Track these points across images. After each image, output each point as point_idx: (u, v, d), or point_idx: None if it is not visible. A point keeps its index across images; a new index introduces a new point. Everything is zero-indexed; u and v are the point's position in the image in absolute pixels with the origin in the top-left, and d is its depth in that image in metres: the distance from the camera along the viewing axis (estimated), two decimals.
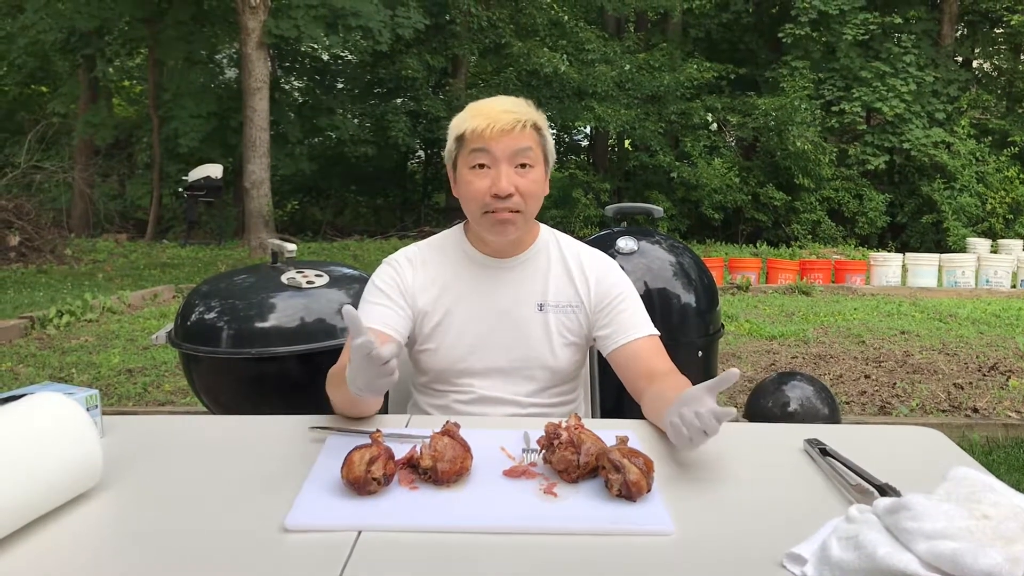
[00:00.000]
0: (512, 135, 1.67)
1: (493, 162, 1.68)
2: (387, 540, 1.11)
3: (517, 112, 1.69)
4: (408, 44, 15.44)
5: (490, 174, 1.68)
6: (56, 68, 17.23)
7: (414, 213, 18.94)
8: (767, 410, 3.51)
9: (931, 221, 15.41)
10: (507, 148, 1.67)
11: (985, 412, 4.60)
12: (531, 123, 1.70)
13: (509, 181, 1.67)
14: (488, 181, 1.68)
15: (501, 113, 1.68)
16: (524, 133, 1.69)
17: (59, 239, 12.02)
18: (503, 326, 1.79)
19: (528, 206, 1.72)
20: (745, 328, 6.97)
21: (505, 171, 1.67)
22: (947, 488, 1.07)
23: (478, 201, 1.70)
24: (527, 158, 1.69)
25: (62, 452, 1.17)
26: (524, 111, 1.71)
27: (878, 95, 15.57)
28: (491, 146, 1.67)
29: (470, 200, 1.72)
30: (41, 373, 5.21)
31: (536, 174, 1.72)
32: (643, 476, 1.22)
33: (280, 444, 1.49)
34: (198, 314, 2.55)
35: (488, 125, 1.66)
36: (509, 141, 1.67)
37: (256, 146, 12.41)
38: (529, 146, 1.69)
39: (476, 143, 1.68)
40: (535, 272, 1.82)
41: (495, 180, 1.67)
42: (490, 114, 1.68)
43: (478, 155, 1.68)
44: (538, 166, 1.72)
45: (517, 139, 1.68)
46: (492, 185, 1.67)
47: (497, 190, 1.67)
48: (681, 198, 15.84)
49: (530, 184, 1.70)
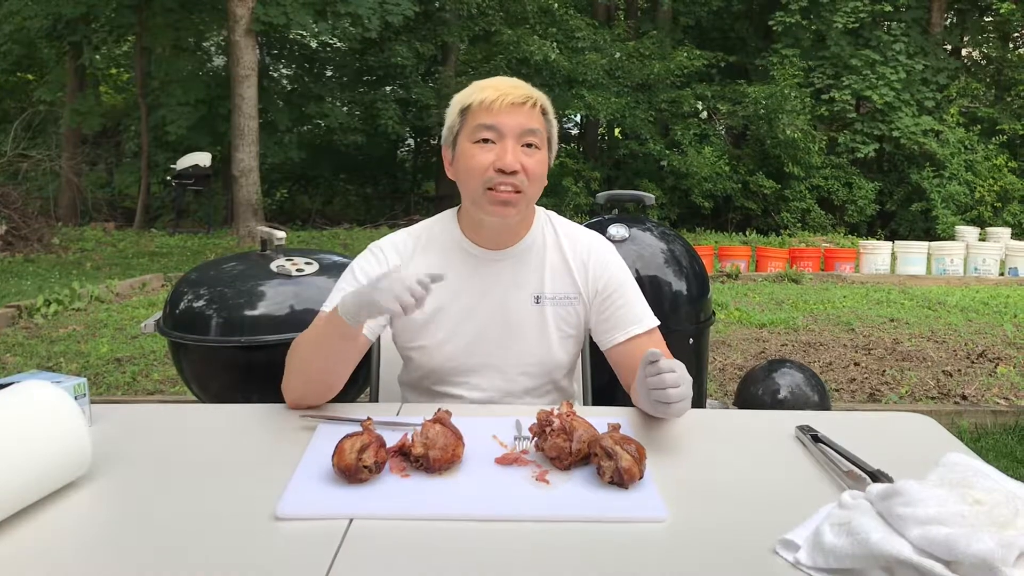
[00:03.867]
0: (523, 111, 1.60)
1: (499, 137, 1.59)
2: (378, 528, 1.10)
3: (528, 89, 1.64)
4: (397, 31, 15.35)
5: (495, 149, 1.59)
6: (42, 55, 17.07)
7: (404, 201, 18.89)
8: (757, 398, 3.52)
9: (920, 209, 15.46)
10: (516, 125, 1.60)
11: (974, 399, 4.63)
12: (540, 103, 1.64)
13: (515, 157, 1.59)
14: (492, 155, 1.59)
15: (511, 87, 1.61)
16: (534, 112, 1.62)
17: (46, 228, 11.94)
18: (497, 321, 1.71)
19: (531, 188, 1.63)
20: (735, 316, 6.98)
21: (512, 146, 1.59)
22: (940, 474, 1.08)
23: (480, 175, 1.60)
24: (534, 138, 1.62)
25: (50, 441, 1.16)
26: (537, 92, 1.66)
27: (868, 83, 15.58)
28: (500, 120, 1.59)
29: (471, 174, 1.62)
30: (29, 362, 5.18)
31: (541, 156, 1.64)
32: (635, 463, 1.21)
33: (270, 432, 1.48)
34: (187, 302, 2.54)
35: (499, 97, 1.59)
36: (519, 117, 1.60)
37: (245, 134, 12.33)
38: (537, 127, 1.62)
39: (484, 117, 1.60)
40: (530, 263, 1.73)
41: (500, 154, 1.59)
42: (500, 87, 1.61)
43: (484, 130, 1.60)
44: (543, 149, 1.65)
45: (527, 117, 1.61)
46: (497, 159, 1.59)
47: (503, 164, 1.58)
48: (671, 186, 15.83)
49: (536, 165, 1.62)
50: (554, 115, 1.70)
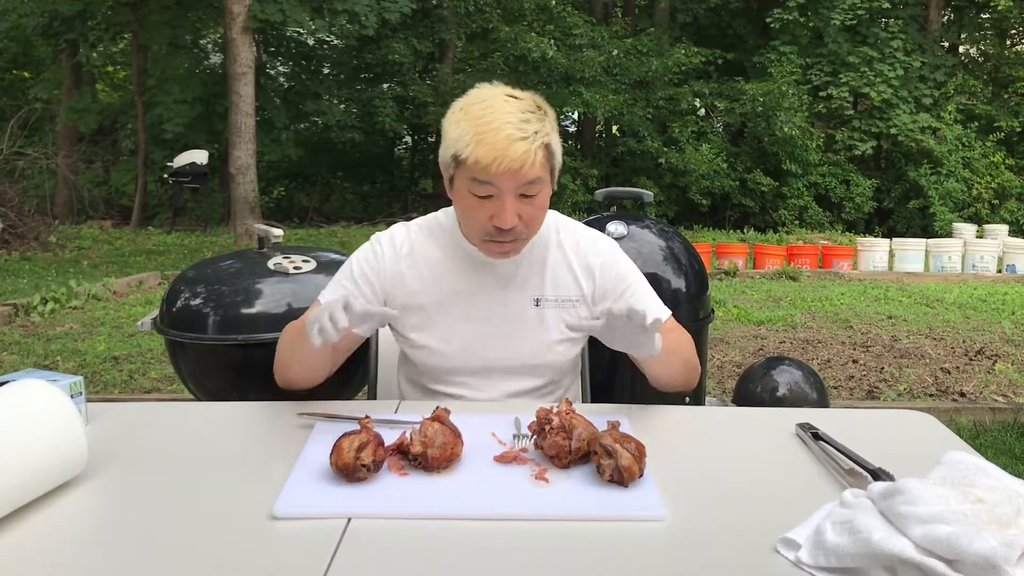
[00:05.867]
0: (522, 172, 1.49)
1: (498, 193, 1.51)
2: (377, 527, 1.10)
3: (527, 137, 1.48)
4: (395, 28, 15.31)
5: (494, 204, 1.52)
6: (38, 53, 17.02)
7: (401, 199, 18.86)
8: (756, 395, 3.51)
9: (917, 206, 15.45)
10: (514, 183, 1.50)
11: (972, 396, 4.63)
12: (542, 149, 1.51)
13: (513, 215, 1.52)
14: (490, 211, 1.53)
15: (509, 145, 1.46)
16: (535, 164, 1.50)
17: (43, 226, 11.91)
18: (497, 323, 1.69)
19: (531, 230, 1.59)
20: (733, 313, 6.98)
21: (510, 204, 1.51)
22: (941, 472, 1.07)
23: (478, 229, 1.57)
24: (534, 188, 1.53)
25: (46, 440, 1.15)
26: (534, 133, 1.50)
27: (865, 80, 15.57)
28: (497, 180, 1.49)
29: (469, 224, 1.59)
30: (26, 361, 5.17)
31: (542, 198, 1.57)
32: (635, 461, 1.21)
33: (268, 431, 1.47)
34: (183, 300, 2.52)
35: (494, 161, 1.46)
36: (518, 177, 1.49)
37: (242, 132, 12.31)
38: (538, 176, 1.52)
39: (479, 175, 1.50)
40: (532, 264, 1.70)
41: (498, 212, 1.52)
42: (497, 144, 1.46)
43: (481, 186, 1.51)
44: (545, 188, 1.56)
45: (527, 173, 1.50)
46: (495, 217, 1.52)
47: (500, 223, 1.52)
48: (669, 184, 15.81)
49: (535, 211, 1.57)
50: (557, 135, 1.57)
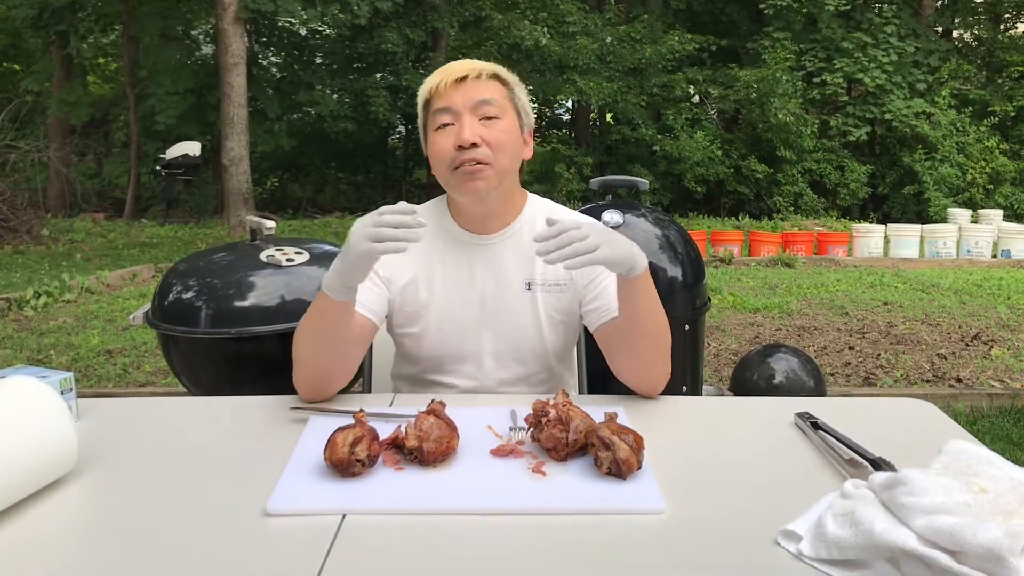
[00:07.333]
0: (466, 84, 1.61)
1: (456, 118, 1.60)
2: (372, 523, 1.08)
3: (475, 63, 1.64)
4: (387, 17, 15.25)
5: (454, 130, 1.60)
6: (28, 45, 16.94)
7: (395, 190, 18.82)
8: (753, 383, 3.51)
9: (912, 192, 15.47)
10: (466, 99, 1.60)
11: (969, 382, 4.63)
12: (488, 72, 1.64)
13: (472, 131, 1.58)
14: (453, 138, 1.60)
15: (456, 66, 1.64)
16: (481, 82, 1.62)
17: (35, 219, 11.87)
18: (489, 308, 1.69)
19: (498, 159, 1.61)
20: (729, 301, 6.98)
21: (468, 121, 1.59)
22: (944, 462, 1.06)
23: (444, 158, 1.61)
24: (490, 108, 1.61)
25: (35, 438, 1.13)
26: (483, 64, 1.65)
27: (859, 66, 15.56)
28: (450, 100, 1.60)
29: (438, 160, 1.63)
30: (19, 355, 5.15)
31: (504, 124, 1.62)
32: (633, 453, 1.19)
33: (261, 425, 1.46)
34: (175, 293, 2.51)
35: (442, 79, 1.61)
36: (467, 91, 1.60)
37: (234, 123, 12.26)
38: (491, 97, 1.61)
39: (437, 102, 1.62)
40: (521, 248, 1.70)
41: (458, 132, 1.59)
42: (445, 69, 1.64)
43: (441, 115, 1.61)
44: (506, 117, 1.63)
45: (475, 88, 1.61)
46: (455, 138, 1.59)
47: (460, 140, 1.58)
48: (663, 171, 15.80)
49: (497, 134, 1.60)
50: (518, 83, 1.69)
